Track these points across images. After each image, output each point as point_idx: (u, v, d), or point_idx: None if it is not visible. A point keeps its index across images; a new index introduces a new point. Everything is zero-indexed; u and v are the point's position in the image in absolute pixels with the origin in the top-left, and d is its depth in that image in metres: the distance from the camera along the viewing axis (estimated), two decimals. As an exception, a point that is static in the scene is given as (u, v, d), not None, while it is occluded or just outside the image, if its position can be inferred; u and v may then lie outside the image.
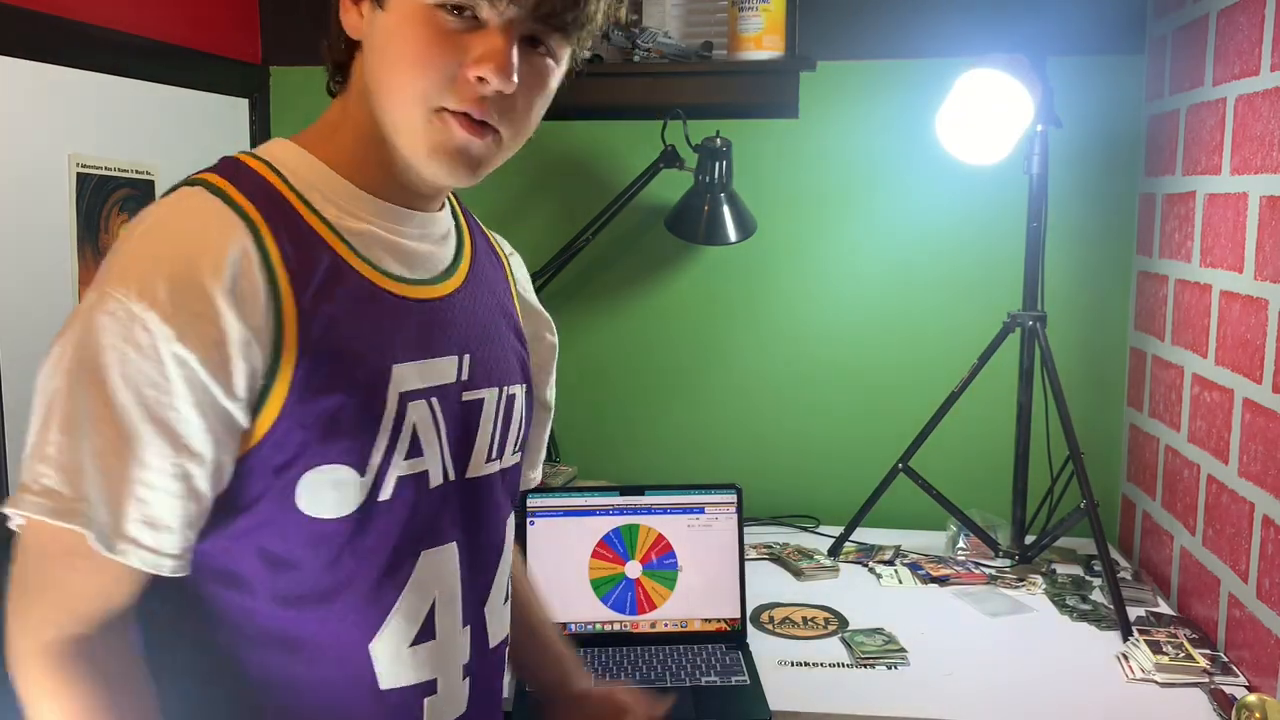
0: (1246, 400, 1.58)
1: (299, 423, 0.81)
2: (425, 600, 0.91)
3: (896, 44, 2.14)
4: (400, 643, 0.89)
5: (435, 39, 0.82)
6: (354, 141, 0.90)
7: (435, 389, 0.91)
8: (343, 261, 0.86)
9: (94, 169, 1.72)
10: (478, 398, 0.96)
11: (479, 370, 0.96)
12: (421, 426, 0.89)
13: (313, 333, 0.82)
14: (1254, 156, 1.58)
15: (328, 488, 0.83)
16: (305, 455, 0.82)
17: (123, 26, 1.80)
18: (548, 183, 2.27)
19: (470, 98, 0.83)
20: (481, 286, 0.99)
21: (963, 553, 2.02)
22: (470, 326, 0.96)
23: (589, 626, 1.65)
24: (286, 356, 0.81)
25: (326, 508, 0.84)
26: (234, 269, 0.79)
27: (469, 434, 0.95)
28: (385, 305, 0.88)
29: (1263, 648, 1.50)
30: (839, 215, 2.21)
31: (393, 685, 0.90)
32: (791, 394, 2.26)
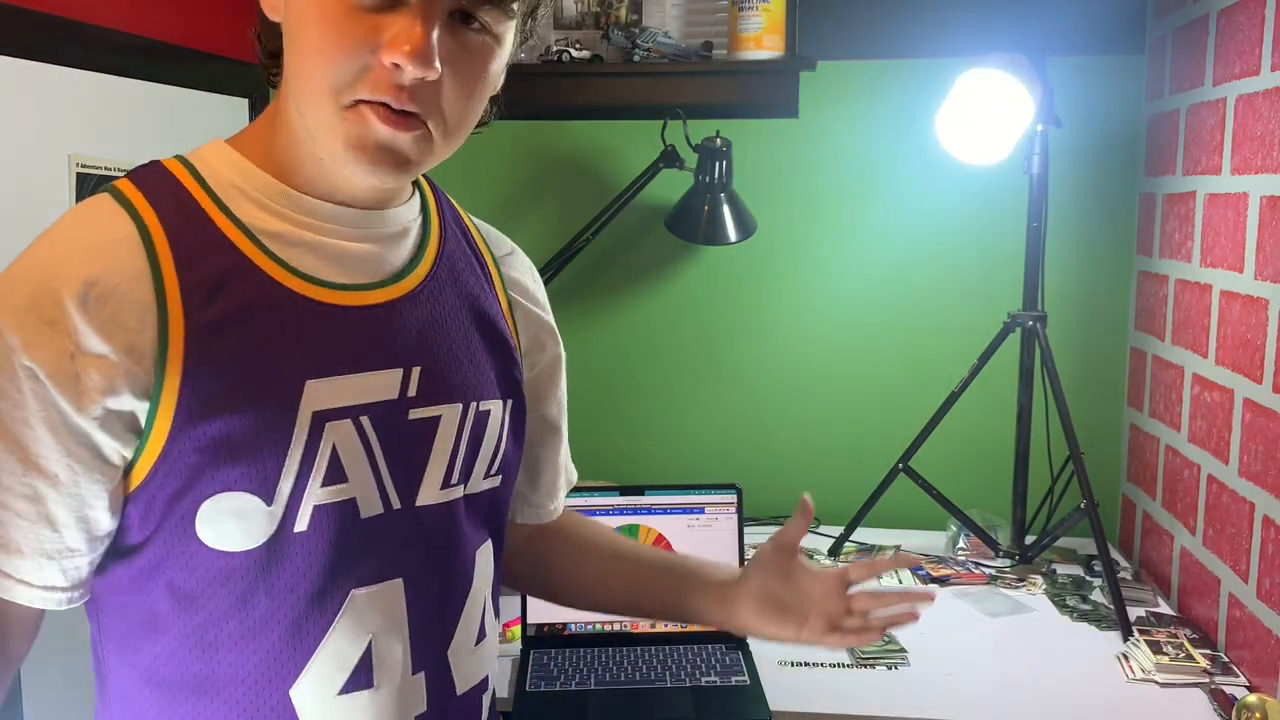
0: (1247, 400, 1.58)
1: (192, 446, 0.74)
2: (357, 644, 0.81)
3: (896, 44, 2.14)
4: (326, 691, 0.80)
5: (345, 21, 0.72)
6: (283, 136, 0.81)
7: (366, 406, 0.80)
8: (252, 266, 0.77)
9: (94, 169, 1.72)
10: (430, 415, 0.84)
11: (433, 384, 0.84)
12: (344, 449, 0.79)
13: (205, 346, 0.74)
14: (1254, 156, 1.58)
15: (229, 517, 0.75)
16: (201, 482, 0.75)
17: (123, 26, 1.80)
18: (548, 183, 2.27)
19: (387, 86, 0.73)
20: (446, 290, 0.88)
21: (963, 553, 2.02)
22: (423, 335, 0.85)
23: (589, 626, 1.65)
24: (171, 373, 0.73)
25: (230, 540, 0.76)
26: (106, 280, 0.73)
27: (416, 457, 0.84)
28: (302, 313, 0.78)
29: (1263, 648, 1.50)
30: (839, 215, 2.21)
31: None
32: (791, 394, 2.26)
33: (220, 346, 0.75)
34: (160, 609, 0.78)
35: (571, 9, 2.27)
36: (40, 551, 0.74)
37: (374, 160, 0.76)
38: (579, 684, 1.52)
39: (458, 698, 0.89)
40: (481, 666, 0.93)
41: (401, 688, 0.84)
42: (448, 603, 0.88)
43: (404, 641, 0.84)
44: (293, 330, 0.78)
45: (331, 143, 0.76)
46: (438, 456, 0.85)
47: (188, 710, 0.79)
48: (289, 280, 0.79)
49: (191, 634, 0.78)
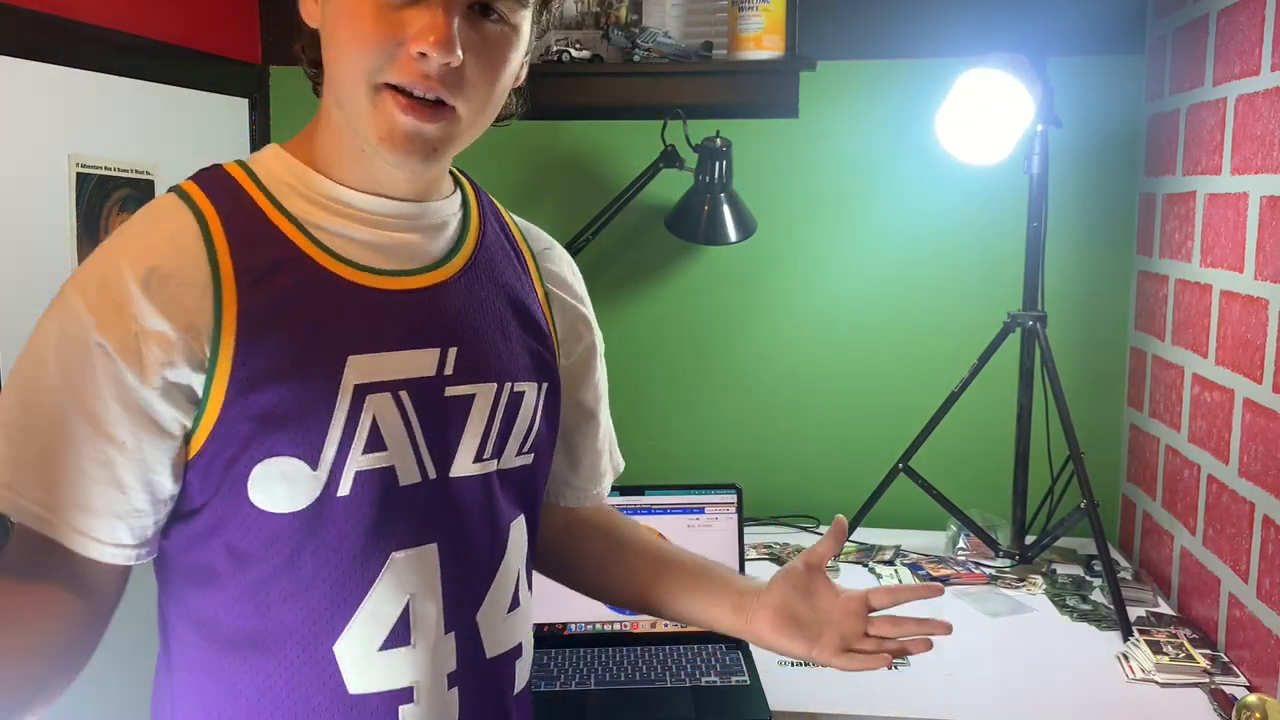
0: (1247, 400, 1.58)
1: (243, 415, 0.81)
2: (396, 604, 0.87)
3: (896, 44, 2.14)
4: (367, 646, 0.87)
5: (375, 15, 0.80)
6: (328, 135, 0.89)
7: (405, 382, 0.87)
8: (301, 254, 0.85)
9: (94, 169, 1.72)
10: (465, 393, 0.91)
11: (468, 365, 0.91)
12: (384, 420, 0.86)
13: (256, 325, 0.82)
14: (1254, 156, 1.58)
15: (278, 481, 0.82)
16: (252, 448, 0.82)
17: (123, 26, 1.80)
18: (548, 183, 2.27)
19: (413, 73, 0.81)
20: (484, 278, 0.95)
21: (963, 553, 2.02)
22: (460, 319, 0.92)
23: (589, 626, 1.65)
24: (225, 349, 0.81)
25: (279, 502, 0.83)
26: (167, 265, 0.81)
27: (451, 431, 0.90)
28: (346, 296, 0.86)
29: (1263, 648, 1.50)
30: (839, 215, 2.21)
31: (362, 690, 0.87)
32: (791, 394, 2.26)
33: (269, 325, 0.82)
34: (218, 567, 0.85)
35: (571, 9, 2.27)
36: (111, 512, 0.81)
37: (405, 149, 0.83)
38: (579, 684, 1.52)
39: (487, 660, 0.95)
40: (514, 634, 0.98)
41: (435, 646, 0.90)
42: (479, 569, 0.93)
43: (438, 603, 0.90)
44: (337, 311, 0.85)
45: (365, 130, 0.84)
46: (471, 432, 0.91)
47: (240, 661, 0.86)
48: (335, 266, 0.86)
49: (245, 591, 0.85)
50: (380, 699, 0.88)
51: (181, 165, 1.93)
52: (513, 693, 0.99)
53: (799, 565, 1.05)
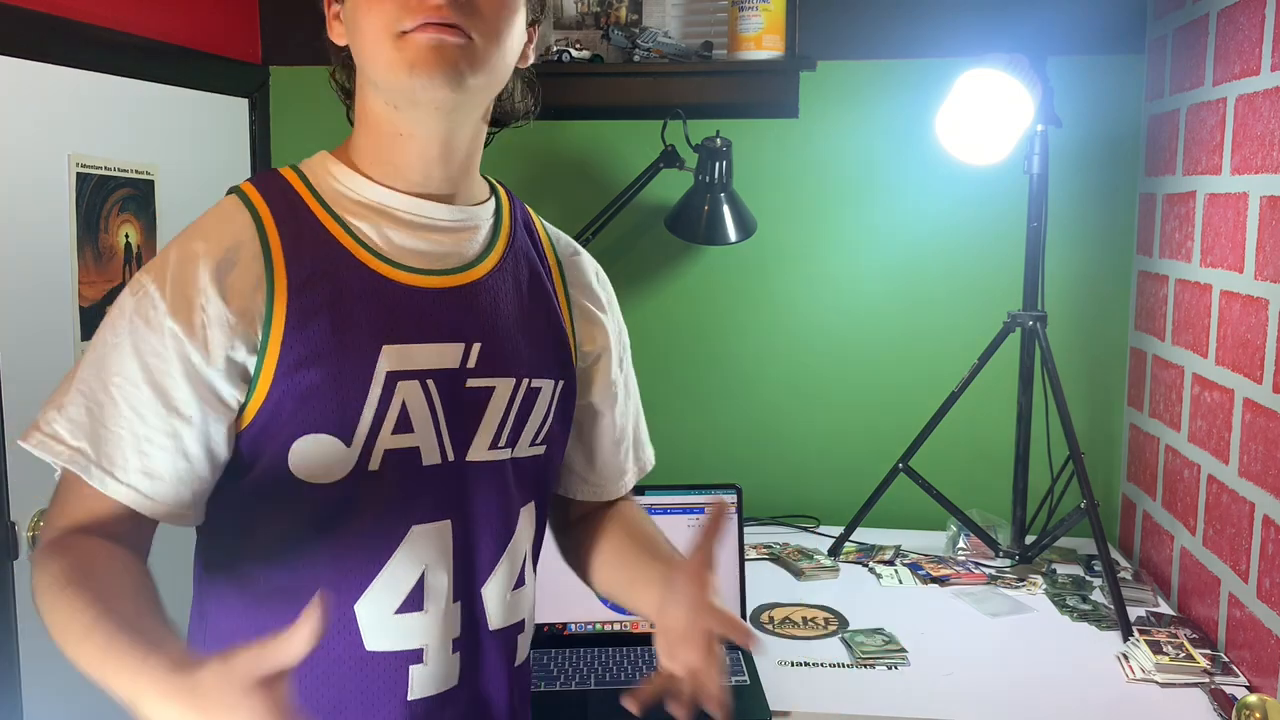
0: (1247, 400, 1.58)
1: (288, 393, 0.90)
2: (413, 572, 0.96)
3: (896, 44, 2.14)
4: (385, 609, 0.95)
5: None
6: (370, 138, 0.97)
7: (432, 372, 0.95)
8: (347, 254, 0.94)
9: (94, 169, 1.72)
10: (485, 385, 0.98)
11: (489, 360, 0.98)
12: (412, 405, 0.94)
13: (302, 314, 0.91)
14: (1254, 156, 1.58)
15: (315, 455, 0.91)
16: (294, 424, 0.90)
17: (123, 26, 1.80)
18: (548, 183, 2.27)
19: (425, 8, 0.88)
20: (511, 280, 1.03)
21: (963, 553, 2.02)
22: (485, 317, 0.99)
23: (589, 626, 1.65)
24: (275, 334, 0.90)
25: (316, 472, 0.91)
26: (229, 258, 0.91)
27: (470, 419, 0.98)
28: (383, 291, 0.94)
29: (1263, 648, 1.50)
30: (839, 215, 2.21)
31: (378, 648, 0.95)
32: (791, 394, 2.26)
33: (314, 315, 0.91)
34: (256, 526, 0.94)
35: (571, 9, 2.27)
36: (178, 478, 0.90)
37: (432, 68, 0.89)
38: (579, 684, 1.52)
39: (490, 631, 1.02)
40: (518, 610, 1.05)
41: (445, 613, 0.98)
42: (488, 547, 1.01)
43: (449, 574, 0.97)
44: (374, 304, 0.93)
45: (397, 76, 0.90)
46: (489, 421, 0.99)
47: (269, 610, 0.94)
48: (375, 264, 0.95)
49: (279, 549, 0.94)
50: (393, 657, 0.96)
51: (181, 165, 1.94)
52: (514, 664, 1.06)
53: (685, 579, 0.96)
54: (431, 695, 0.98)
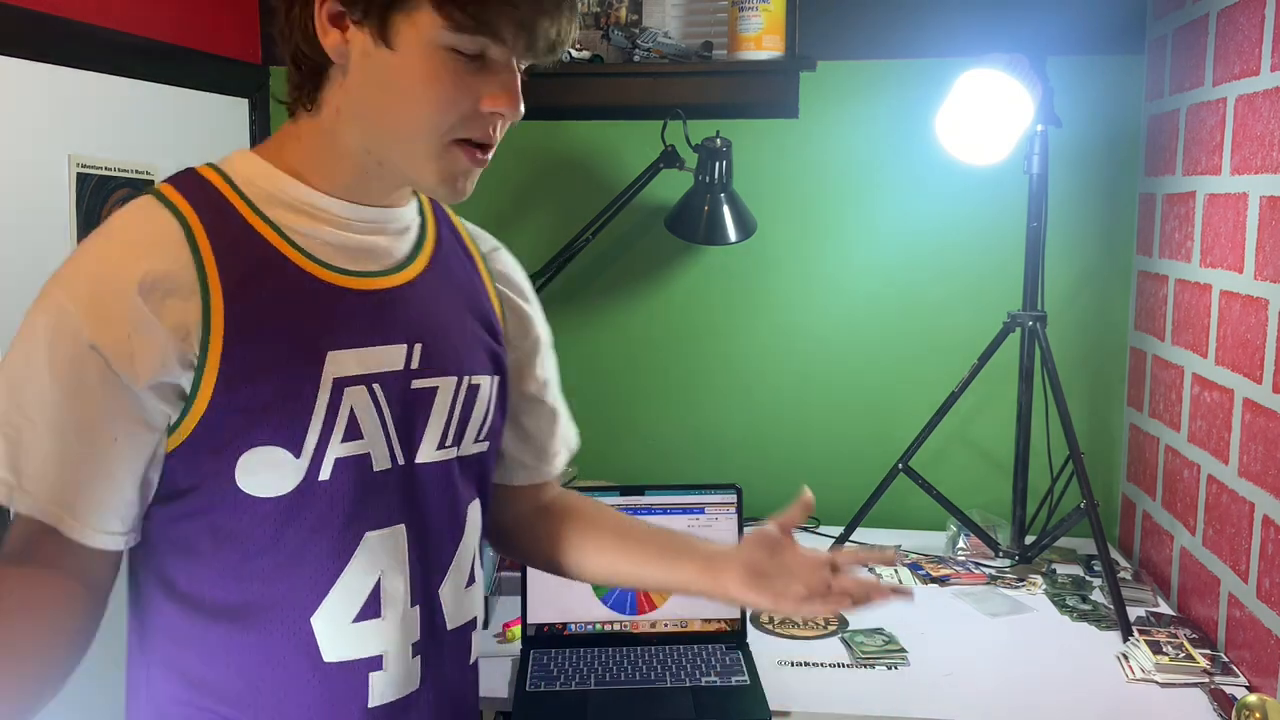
0: (1246, 400, 1.58)
1: (231, 408, 0.86)
2: (369, 580, 0.94)
3: (896, 44, 2.14)
4: (342, 619, 0.93)
5: (453, 80, 0.87)
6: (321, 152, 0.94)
7: (378, 375, 0.93)
8: (282, 258, 0.90)
9: (94, 169, 1.72)
10: (429, 385, 0.98)
11: (432, 359, 0.97)
12: (360, 411, 0.92)
13: (241, 325, 0.87)
14: (1254, 156, 1.58)
15: (264, 468, 0.88)
16: (239, 438, 0.87)
17: (123, 26, 1.80)
18: (548, 183, 2.27)
19: (484, 129, 0.90)
20: (442, 279, 1.02)
21: (963, 553, 2.02)
22: (423, 317, 0.98)
23: (589, 626, 1.65)
24: (214, 347, 0.86)
25: (265, 487, 0.88)
26: (156, 270, 0.85)
27: (417, 421, 0.97)
28: (325, 296, 0.91)
29: (1263, 648, 1.50)
30: (839, 215, 2.21)
31: (336, 658, 0.93)
32: (791, 394, 2.26)
33: (254, 324, 0.87)
34: (203, 544, 0.90)
35: (571, 9, 2.26)
36: (102, 502, 0.86)
37: (460, 189, 0.92)
38: (579, 684, 1.52)
39: (448, 631, 1.02)
40: (471, 607, 1.06)
41: (403, 618, 0.97)
42: (442, 548, 1.01)
43: (405, 578, 0.96)
44: (315, 310, 0.91)
45: (424, 173, 0.91)
46: (435, 421, 0.98)
47: (219, 632, 0.92)
48: (311, 268, 0.92)
49: (229, 567, 0.91)
50: (352, 666, 0.94)
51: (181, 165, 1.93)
52: (469, 661, 1.08)
53: (770, 527, 1.09)
54: (393, 701, 0.97)
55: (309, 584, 0.92)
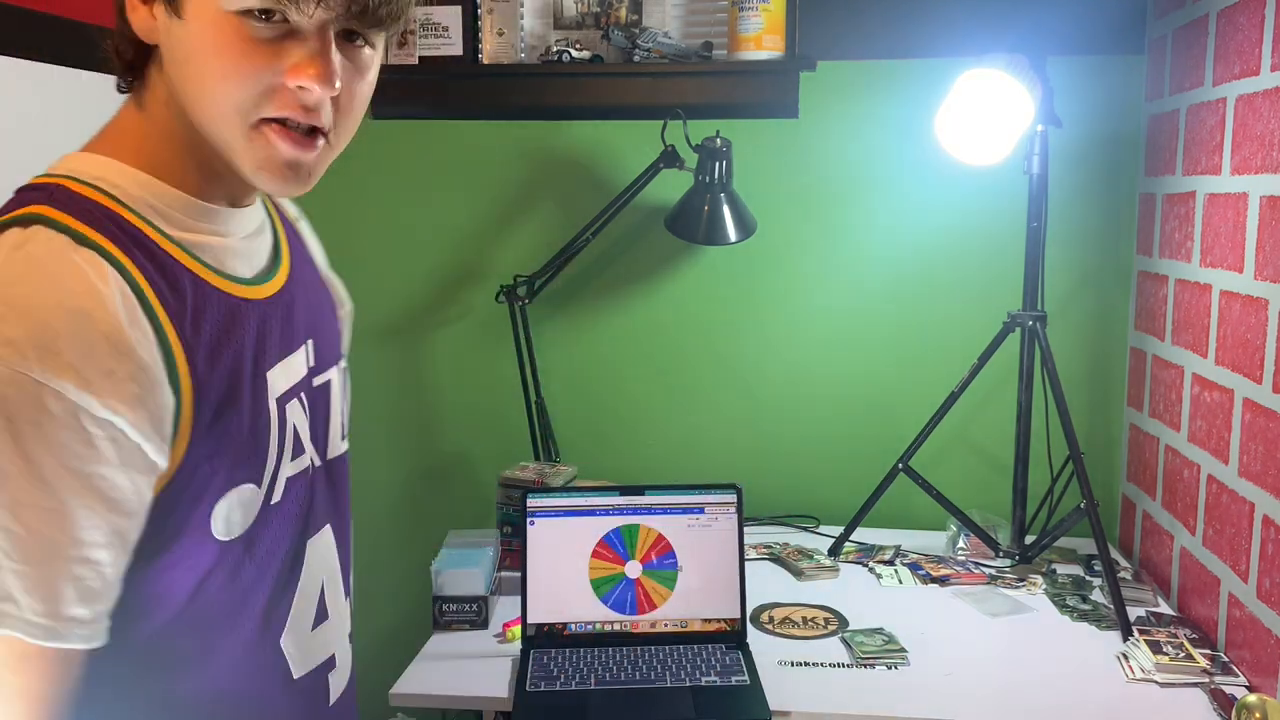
0: (1247, 400, 1.58)
1: (206, 452, 0.79)
2: (317, 584, 0.94)
3: (896, 44, 2.14)
4: (304, 630, 0.93)
5: (246, 50, 0.76)
6: (167, 147, 0.83)
7: (300, 383, 0.92)
8: (199, 279, 0.81)
9: (94, 169, 1.72)
10: (325, 380, 0.97)
11: (321, 354, 0.96)
12: (299, 423, 0.90)
13: (199, 362, 0.79)
14: (1254, 156, 1.58)
15: (237, 508, 0.82)
16: (217, 483, 0.80)
17: (123, 26, 1.80)
18: (548, 183, 2.27)
19: (291, 105, 0.78)
20: (303, 269, 0.99)
21: (963, 553, 2.02)
22: (307, 310, 0.96)
23: (589, 626, 1.65)
24: (185, 390, 0.77)
25: (235, 527, 0.83)
26: (123, 313, 0.73)
27: (326, 418, 0.97)
28: (243, 314, 0.85)
29: (1263, 648, 1.50)
30: (839, 215, 2.21)
31: (303, 671, 0.93)
32: (791, 394, 2.26)
33: (209, 358, 0.80)
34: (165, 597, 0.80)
35: (571, 9, 2.27)
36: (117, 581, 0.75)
37: (283, 177, 0.81)
38: (579, 684, 1.52)
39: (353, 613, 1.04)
40: None
41: (342, 612, 0.99)
42: (350, 537, 1.03)
43: (339, 574, 0.98)
44: (239, 328, 0.84)
45: (240, 161, 0.80)
46: (334, 415, 0.99)
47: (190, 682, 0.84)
48: (225, 285, 0.85)
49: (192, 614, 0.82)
50: (316, 674, 0.94)
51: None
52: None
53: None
54: (342, 692, 0.99)
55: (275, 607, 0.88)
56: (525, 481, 1.91)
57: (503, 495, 1.93)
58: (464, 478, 2.37)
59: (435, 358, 2.35)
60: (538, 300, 2.15)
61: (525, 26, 2.27)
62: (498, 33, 2.22)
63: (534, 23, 2.28)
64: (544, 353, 2.24)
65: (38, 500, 0.70)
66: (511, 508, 1.91)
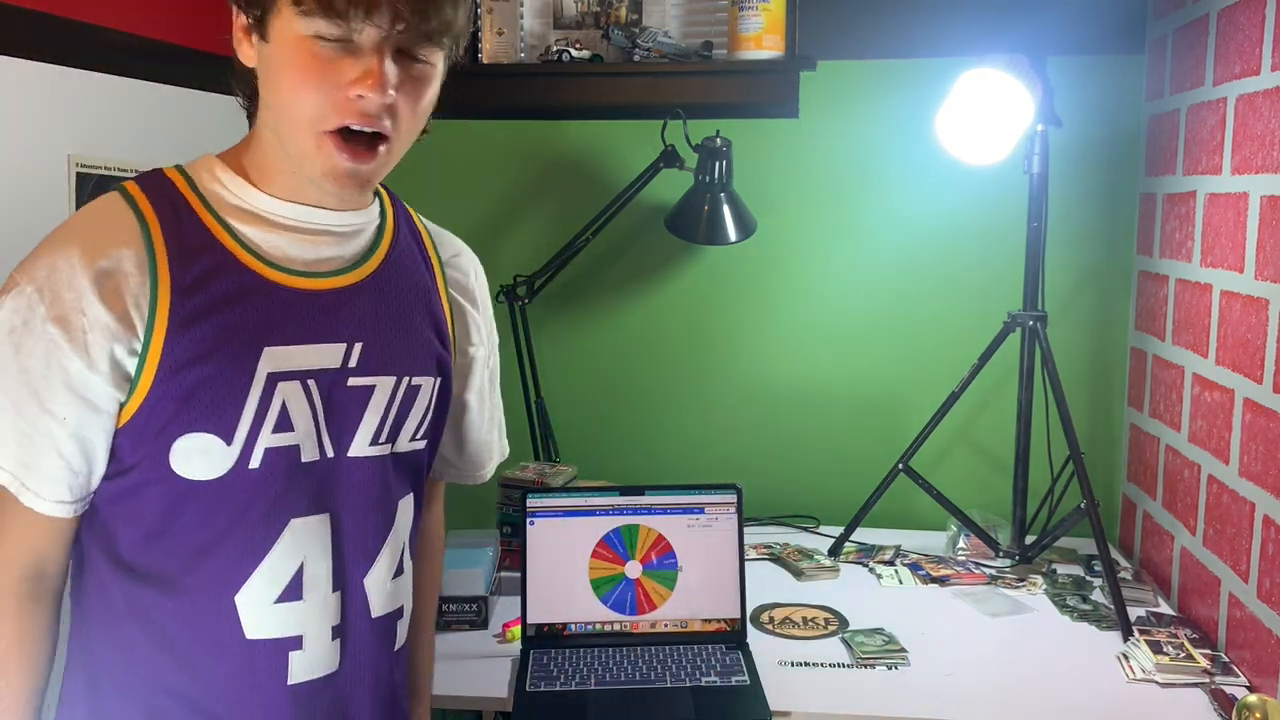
0: (1247, 400, 1.58)
1: (170, 394, 0.93)
2: (292, 563, 1.00)
3: (896, 44, 2.14)
4: (265, 599, 0.99)
5: (315, 65, 0.91)
6: (264, 154, 1.00)
7: (313, 372, 0.99)
8: (231, 257, 0.97)
9: (94, 169, 1.72)
10: (366, 384, 1.03)
11: (371, 359, 1.03)
12: (292, 404, 0.98)
13: (184, 317, 0.93)
14: (1254, 156, 1.58)
15: (196, 453, 0.94)
16: (176, 423, 0.93)
17: (123, 26, 1.80)
18: (548, 183, 2.27)
19: (352, 113, 0.92)
20: (394, 282, 1.07)
21: (963, 553, 2.02)
22: (367, 318, 1.04)
23: (589, 626, 1.65)
24: (157, 336, 0.92)
25: (197, 470, 0.95)
26: (110, 261, 0.92)
27: (351, 417, 1.03)
28: (267, 294, 0.97)
29: (1263, 648, 1.50)
30: (839, 215, 2.21)
31: (258, 636, 0.99)
32: (791, 393, 2.26)
33: (197, 318, 0.94)
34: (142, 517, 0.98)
35: (571, 9, 2.27)
36: (52, 474, 0.94)
37: (343, 184, 0.96)
38: (579, 684, 1.52)
39: (371, 619, 1.07)
40: (399, 597, 1.12)
41: (324, 602, 1.02)
42: (369, 538, 1.06)
43: (328, 565, 1.02)
44: (258, 307, 0.97)
45: (308, 168, 0.96)
46: (369, 418, 1.04)
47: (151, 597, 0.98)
48: (258, 267, 0.98)
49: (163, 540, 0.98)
50: (273, 644, 1.00)
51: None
52: (394, 649, 1.13)
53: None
54: (312, 680, 1.02)
55: (234, 564, 0.98)
56: (525, 481, 1.91)
57: (503, 495, 1.93)
58: (464, 478, 2.37)
59: (435, 358, 2.35)
60: (538, 300, 2.15)
61: (525, 26, 2.27)
62: (498, 32, 2.22)
63: (534, 22, 2.29)
64: (544, 353, 2.24)
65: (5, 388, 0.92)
66: (511, 508, 1.91)
